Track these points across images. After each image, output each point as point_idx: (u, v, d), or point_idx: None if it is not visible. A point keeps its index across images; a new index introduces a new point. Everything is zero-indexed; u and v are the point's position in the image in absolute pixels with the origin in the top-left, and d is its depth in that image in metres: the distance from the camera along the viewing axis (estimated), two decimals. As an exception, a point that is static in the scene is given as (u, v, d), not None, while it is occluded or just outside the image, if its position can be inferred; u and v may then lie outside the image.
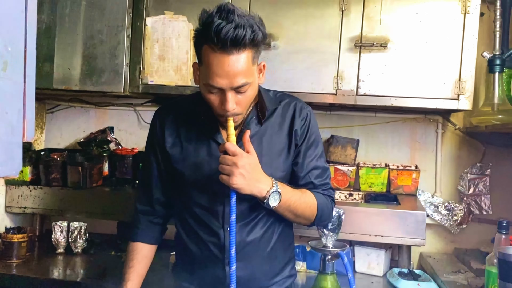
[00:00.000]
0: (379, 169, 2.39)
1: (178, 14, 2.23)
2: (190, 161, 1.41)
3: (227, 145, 1.23)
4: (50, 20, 2.24)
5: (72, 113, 2.81)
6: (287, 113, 1.45)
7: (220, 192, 1.36)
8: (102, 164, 2.48)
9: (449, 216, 2.38)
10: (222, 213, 1.39)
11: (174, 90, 2.25)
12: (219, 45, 1.19)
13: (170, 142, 1.44)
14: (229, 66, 1.21)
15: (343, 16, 2.10)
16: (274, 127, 1.44)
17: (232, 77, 1.23)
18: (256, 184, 1.25)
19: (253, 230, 1.42)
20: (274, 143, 1.43)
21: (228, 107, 1.26)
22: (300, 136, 1.44)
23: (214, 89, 1.26)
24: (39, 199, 2.35)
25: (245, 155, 1.24)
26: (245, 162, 1.22)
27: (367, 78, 2.10)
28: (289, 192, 1.34)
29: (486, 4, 2.28)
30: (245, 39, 1.20)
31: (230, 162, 1.22)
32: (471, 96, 2.03)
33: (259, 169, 1.28)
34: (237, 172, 1.21)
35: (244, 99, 1.30)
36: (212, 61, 1.22)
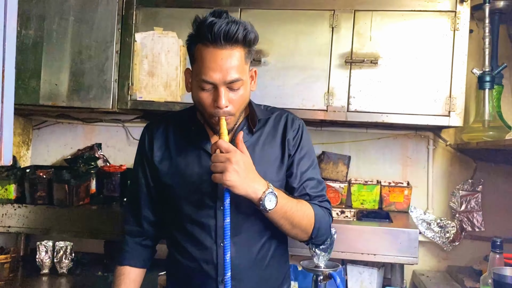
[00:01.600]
0: (371, 186, 2.37)
1: (167, 30, 2.21)
2: (180, 173, 1.37)
3: (219, 142, 1.19)
4: (37, 35, 2.21)
5: (59, 129, 2.76)
6: (279, 124, 1.44)
7: (212, 205, 1.33)
8: (89, 182, 2.42)
9: (442, 233, 2.36)
10: (215, 227, 1.34)
11: (163, 106, 2.22)
12: (212, 40, 1.21)
13: (159, 156, 1.41)
14: (222, 60, 1.22)
15: (333, 32, 2.10)
16: (266, 137, 1.41)
17: (225, 71, 1.22)
18: (250, 183, 1.19)
19: (247, 246, 1.37)
20: (266, 153, 1.40)
21: (220, 103, 1.23)
22: (293, 146, 1.42)
23: (207, 85, 1.24)
24: (24, 217, 2.28)
25: (239, 152, 1.19)
26: (239, 159, 1.17)
27: (358, 95, 2.09)
28: (285, 197, 1.28)
29: (475, 21, 2.29)
30: (238, 35, 1.22)
31: (223, 159, 1.17)
32: (462, 112, 2.02)
33: (254, 169, 1.23)
34: (231, 168, 1.15)
35: (236, 98, 1.27)
36: (205, 56, 1.23)
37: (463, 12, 2.03)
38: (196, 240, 1.36)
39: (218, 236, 1.33)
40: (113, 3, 2.21)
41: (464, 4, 2.02)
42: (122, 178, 2.42)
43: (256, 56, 2.13)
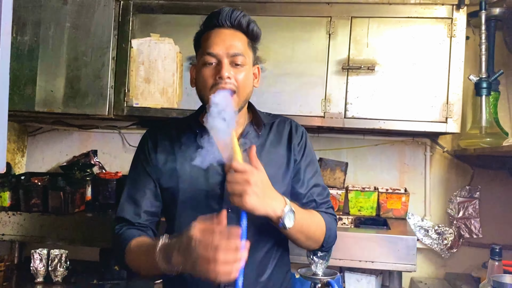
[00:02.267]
0: (368, 193, 2.36)
1: (164, 36, 2.21)
2: (185, 177, 1.33)
3: (235, 165, 1.13)
4: (33, 42, 2.19)
5: (55, 135, 2.75)
6: (284, 129, 1.43)
7: (218, 209, 1.27)
8: (84, 189, 2.40)
9: (440, 240, 2.35)
10: None
11: (159, 112, 2.21)
12: (218, 23, 1.28)
13: (163, 159, 1.36)
14: (226, 35, 1.28)
15: (330, 39, 2.10)
16: (272, 142, 1.40)
17: (228, 45, 1.26)
18: (270, 202, 1.16)
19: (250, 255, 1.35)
20: (273, 157, 1.38)
21: (223, 73, 1.24)
22: (298, 152, 1.42)
23: (211, 58, 1.26)
24: (18, 225, 2.26)
25: (256, 171, 1.14)
26: (257, 179, 1.13)
27: (355, 101, 2.09)
28: (300, 211, 1.26)
29: (471, 28, 2.30)
30: (241, 21, 1.29)
31: (241, 180, 1.11)
32: (459, 119, 2.02)
33: (270, 186, 1.19)
34: (250, 190, 1.11)
35: (239, 77, 1.27)
36: (210, 36, 1.29)
37: (460, 19, 2.03)
38: None
39: None
40: (109, 10, 2.20)
41: (461, 11, 2.03)
42: (118, 185, 2.40)
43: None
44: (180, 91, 2.20)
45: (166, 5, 2.22)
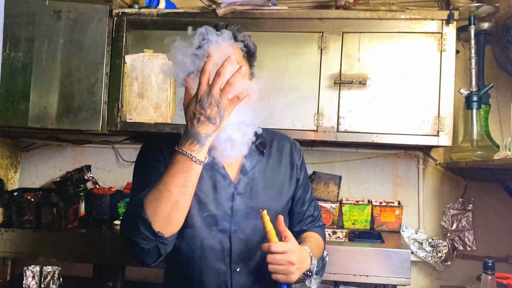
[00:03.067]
0: (362, 206, 2.36)
1: (157, 52, 2.22)
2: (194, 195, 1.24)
3: (273, 247, 1.16)
4: (27, 58, 2.20)
5: (48, 151, 2.74)
6: (284, 147, 1.45)
7: (228, 228, 1.29)
8: (78, 204, 2.39)
9: (434, 252, 2.35)
10: (229, 251, 1.29)
11: (153, 127, 2.22)
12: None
13: None
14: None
15: (322, 54, 2.12)
16: (274, 160, 1.41)
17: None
18: (304, 265, 1.24)
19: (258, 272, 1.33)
20: (276, 175, 1.40)
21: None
22: (300, 171, 1.45)
23: None
24: (11, 242, 2.24)
25: (292, 248, 1.18)
26: (296, 255, 1.19)
27: (348, 115, 2.10)
28: (314, 247, 1.33)
29: (461, 42, 2.33)
30: (236, 34, 1.30)
31: (284, 262, 1.17)
32: (450, 132, 2.04)
33: (300, 248, 1.24)
34: (294, 269, 1.18)
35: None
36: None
37: (449, 33, 2.06)
38: (208, 265, 1.30)
39: (233, 261, 1.29)
40: (103, 26, 2.22)
41: (450, 26, 2.06)
42: (111, 200, 2.39)
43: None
44: (174, 106, 2.20)
45: (159, 21, 2.24)
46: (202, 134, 1.08)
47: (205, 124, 1.07)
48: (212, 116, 1.07)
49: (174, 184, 1.09)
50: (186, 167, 1.08)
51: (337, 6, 2.25)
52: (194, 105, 1.08)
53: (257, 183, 1.34)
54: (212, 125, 1.08)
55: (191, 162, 1.08)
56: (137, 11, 2.26)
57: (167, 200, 1.09)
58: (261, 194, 1.33)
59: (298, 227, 1.48)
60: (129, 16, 2.25)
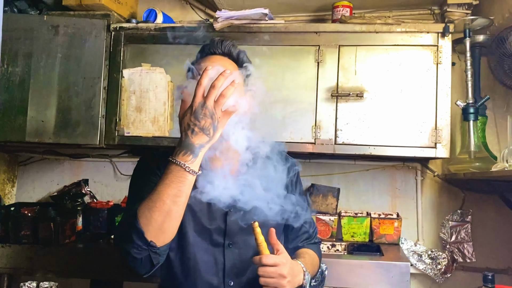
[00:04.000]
0: (361, 218, 2.36)
1: (155, 66, 2.23)
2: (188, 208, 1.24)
3: (265, 260, 1.15)
4: (25, 72, 2.20)
5: (46, 165, 2.73)
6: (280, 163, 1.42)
7: (221, 242, 1.30)
8: (75, 219, 2.38)
9: (433, 264, 2.34)
10: (223, 265, 1.30)
11: (151, 141, 2.22)
12: (209, 51, 1.33)
13: None
14: (217, 60, 1.31)
15: (319, 67, 2.13)
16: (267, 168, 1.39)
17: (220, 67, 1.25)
18: (296, 280, 1.23)
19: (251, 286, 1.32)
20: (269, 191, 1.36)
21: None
22: (293, 186, 1.46)
23: None
24: (8, 257, 2.22)
25: (284, 261, 1.18)
26: (288, 269, 1.18)
27: (345, 127, 2.11)
28: (308, 263, 1.32)
29: (457, 54, 2.35)
30: (231, 49, 1.34)
31: (275, 275, 1.16)
32: (448, 144, 2.04)
33: (292, 262, 1.24)
34: (285, 282, 1.17)
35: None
36: (202, 61, 1.32)
37: (445, 46, 2.08)
38: (202, 279, 1.29)
39: (227, 275, 1.29)
40: (101, 40, 2.23)
41: (446, 38, 2.07)
42: (109, 214, 2.38)
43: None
44: (171, 120, 2.21)
45: (157, 36, 2.25)
46: (196, 144, 1.09)
47: (199, 135, 1.08)
48: (206, 127, 1.08)
49: (167, 194, 1.09)
50: (180, 177, 1.09)
51: (333, 20, 2.27)
52: (188, 116, 1.09)
53: (250, 197, 1.32)
54: (205, 136, 1.09)
55: (184, 172, 1.09)
56: (135, 26, 2.27)
57: (160, 210, 1.09)
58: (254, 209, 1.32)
59: (294, 244, 1.48)
60: (127, 30, 2.27)
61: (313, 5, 2.43)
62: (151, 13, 2.35)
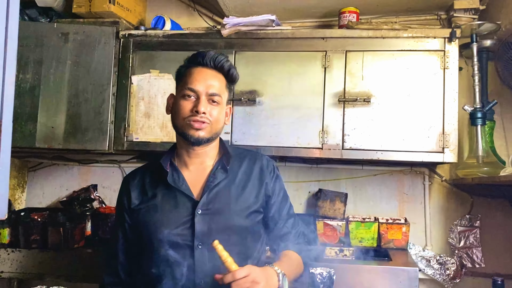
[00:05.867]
0: (369, 223, 2.35)
1: (163, 72, 2.25)
2: (157, 212, 1.39)
3: (235, 274, 1.19)
4: (35, 79, 2.24)
5: (55, 170, 2.76)
6: (255, 165, 1.49)
7: (190, 244, 1.34)
8: (84, 224, 2.40)
9: (442, 270, 2.33)
10: (193, 266, 1.34)
11: (159, 146, 2.24)
12: (202, 63, 1.39)
13: (137, 202, 1.43)
14: (207, 75, 1.38)
15: (326, 72, 2.14)
16: (241, 177, 1.45)
17: (208, 84, 1.37)
18: (271, 283, 1.26)
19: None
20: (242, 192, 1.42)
21: (199, 108, 1.34)
22: (272, 189, 1.47)
23: (191, 93, 1.36)
24: (17, 262, 2.24)
25: (253, 268, 1.22)
26: (260, 274, 1.22)
27: (352, 133, 2.11)
28: (285, 265, 1.35)
29: (464, 59, 2.35)
30: (223, 63, 1.40)
31: (249, 283, 1.19)
32: (455, 149, 2.04)
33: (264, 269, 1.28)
34: (260, 286, 1.20)
35: (213, 112, 1.37)
36: (193, 72, 1.39)
37: (452, 51, 2.08)
38: (175, 281, 1.34)
39: (197, 275, 1.33)
40: (110, 47, 2.26)
41: (453, 43, 2.08)
42: (117, 219, 2.40)
43: (250, 97, 2.17)
44: (179, 125, 2.22)
45: (165, 42, 2.28)
46: None
47: None
48: None
49: None
50: None
51: (340, 26, 2.29)
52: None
53: (220, 200, 1.38)
54: None
55: None
56: (143, 33, 2.30)
57: None
58: (225, 211, 1.37)
59: (276, 245, 1.50)
60: (136, 37, 2.29)
61: (319, 11, 2.45)
62: (159, 20, 2.37)
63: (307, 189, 2.55)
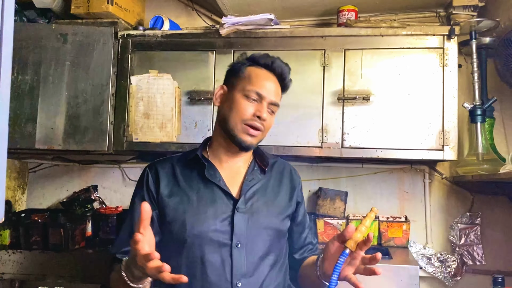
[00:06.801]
0: (369, 221, 2.35)
1: (162, 72, 2.25)
2: (193, 208, 1.32)
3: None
4: (34, 80, 2.23)
5: (55, 171, 2.76)
6: (285, 170, 1.50)
7: (228, 243, 1.29)
8: (85, 225, 2.40)
9: (443, 268, 2.33)
10: (230, 266, 1.28)
11: (159, 147, 2.24)
12: (270, 69, 1.39)
13: (167, 192, 1.36)
14: (274, 83, 1.39)
15: (325, 71, 2.14)
16: (275, 179, 1.45)
17: (274, 93, 1.37)
18: None
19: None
20: (277, 194, 1.43)
21: (263, 114, 1.33)
22: (301, 197, 1.50)
23: (256, 96, 1.34)
24: (18, 264, 2.24)
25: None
26: None
27: (352, 131, 2.11)
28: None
29: (463, 56, 2.35)
30: (286, 76, 1.43)
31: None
32: (455, 146, 2.04)
33: None
34: None
35: (268, 121, 1.37)
36: (261, 74, 1.38)
37: (451, 48, 2.08)
38: (209, 281, 1.28)
39: (234, 276, 1.28)
40: (108, 48, 2.26)
41: (452, 41, 2.07)
42: (118, 220, 2.40)
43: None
44: (179, 125, 2.22)
45: (164, 42, 2.28)
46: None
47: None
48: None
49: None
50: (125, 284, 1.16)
51: (339, 24, 2.28)
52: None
53: (258, 200, 1.37)
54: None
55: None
56: (142, 33, 2.30)
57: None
58: (262, 211, 1.36)
59: (299, 255, 1.49)
60: (134, 37, 2.29)
61: (318, 9, 2.44)
62: (157, 20, 2.37)
63: (307, 188, 2.55)
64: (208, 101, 2.20)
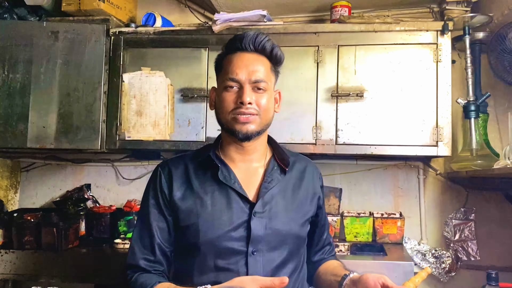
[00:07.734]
0: (364, 218, 2.35)
1: (155, 69, 2.24)
2: (207, 212, 1.24)
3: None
4: (25, 79, 2.21)
5: (48, 170, 2.74)
6: (307, 169, 1.39)
7: (243, 250, 1.21)
8: (78, 224, 2.38)
9: (437, 263, 2.33)
10: (246, 275, 1.19)
11: (152, 145, 2.22)
12: (242, 47, 1.26)
13: (180, 194, 1.28)
14: (248, 60, 1.25)
15: (318, 67, 2.13)
16: (296, 180, 1.34)
17: (250, 71, 1.24)
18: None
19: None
20: (297, 196, 1.32)
21: (244, 99, 1.21)
22: (322, 199, 1.41)
23: (232, 83, 1.24)
24: (11, 264, 2.22)
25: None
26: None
27: (346, 127, 2.10)
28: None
29: (456, 52, 2.34)
30: (265, 45, 1.27)
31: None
32: (449, 142, 2.04)
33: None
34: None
35: (261, 101, 1.24)
36: (233, 59, 1.26)
37: (445, 44, 2.07)
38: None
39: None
40: (100, 45, 2.23)
41: (445, 36, 2.07)
42: (112, 219, 2.38)
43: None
44: (172, 123, 2.21)
45: (156, 39, 2.26)
46: None
47: None
48: None
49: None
50: None
51: (332, 20, 2.27)
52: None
53: (277, 203, 1.27)
54: None
55: None
56: (134, 30, 2.28)
57: None
58: (281, 215, 1.26)
59: (318, 256, 1.44)
60: (126, 35, 2.27)
61: (311, 5, 2.43)
62: (150, 17, 2.35)
63: (302, 185, 2.53)
64: (202, 98, 2.19)
